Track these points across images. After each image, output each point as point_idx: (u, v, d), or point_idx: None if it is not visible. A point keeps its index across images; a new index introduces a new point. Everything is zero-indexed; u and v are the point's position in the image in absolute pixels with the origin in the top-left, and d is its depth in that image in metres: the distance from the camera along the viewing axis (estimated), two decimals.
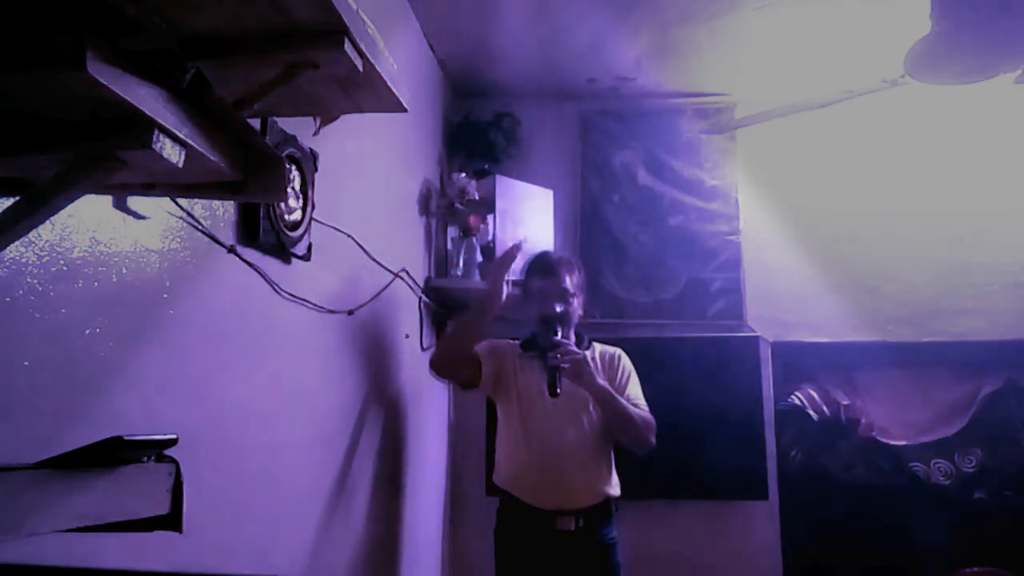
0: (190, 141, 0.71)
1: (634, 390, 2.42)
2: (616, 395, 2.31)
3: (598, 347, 2.50)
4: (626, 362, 2.49)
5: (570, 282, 2.38)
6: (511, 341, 2.51)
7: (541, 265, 2.43)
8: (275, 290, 1.64)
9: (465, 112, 3.37)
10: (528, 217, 3.09)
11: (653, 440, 2.34)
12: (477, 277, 2.95)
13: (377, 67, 0.90)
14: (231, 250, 1.48)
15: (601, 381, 2.28)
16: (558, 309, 2.33)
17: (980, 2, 2.14)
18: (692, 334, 3.23)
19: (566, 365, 2.20)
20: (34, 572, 0.91)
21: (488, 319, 2.36)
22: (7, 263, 0.95)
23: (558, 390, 2.16)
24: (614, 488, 2.39)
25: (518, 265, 2.46)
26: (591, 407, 2.36)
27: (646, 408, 2.38)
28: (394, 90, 0.97)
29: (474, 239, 2.95)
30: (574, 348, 2.27)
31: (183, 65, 0.72)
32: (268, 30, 0.81)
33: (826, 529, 3.07)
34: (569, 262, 2.45)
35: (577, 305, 2.41)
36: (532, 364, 2.42)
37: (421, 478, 2.77)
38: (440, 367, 2.45)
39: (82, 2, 0.63)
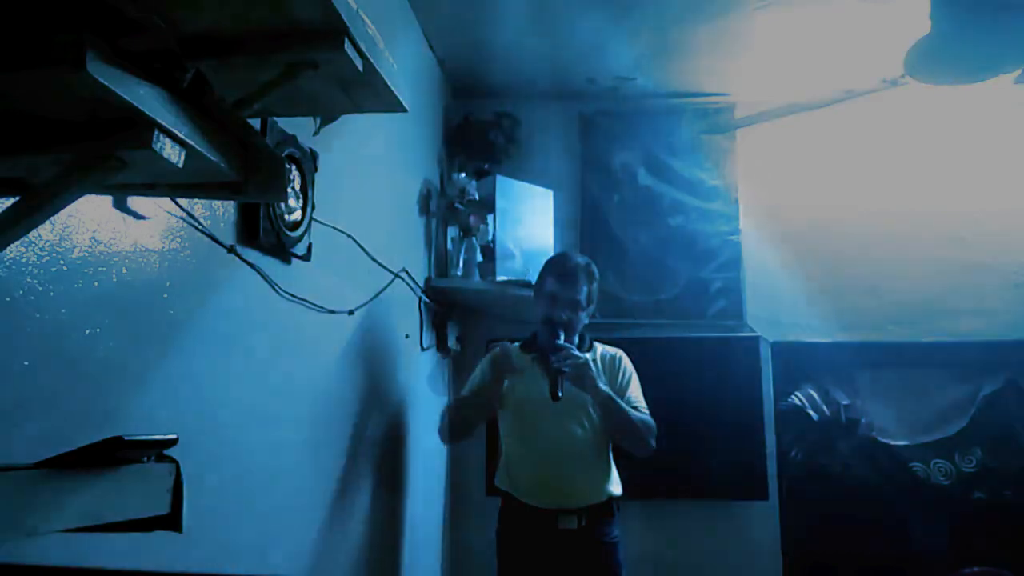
0: (190, 141, 0.71)
1: (635, 392, 2.41)
2: (617, 400, 2.30)
3: (599, 347, 2.50)
4: (627, 364, 2.47)
5: (584, 292, 2.35)
6: (510, 344, 2.50)
7: (559, 268, 2.40)
8: (275, 290, 1.64)
9: (465, 112, 3.36)
10: (528, 217, 3.09)
11: (653, 444, 2.32)
12: (477, 277, 2.95)
13: (377, 67, 0.90)
14: (231, 250, 1.48)
15: (603, 386, 2.28)
16: (564, 317, 2.32)
17: (980, 2, 2.14)
18: (692, 334, 3.23)
19: (568, 369, 2.19)
20: (34, 572, 0.91)
21: (495, 400, 2.40)
22: (7, 263, 0.95)
23: (560, 394, 2.16)
24: (616, 487, 2.39)
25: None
26: (591, 406, 2.35)
27: (647, 410, 2.38)
28: (394, 90, 0.97)
29: (474, 239, 2.95)
30: (576, 352, 2.26)
31: (183, 65, 0.72)
32: (268, 30, 0.81)
33: (826, 529, 3.07)
34: (587, 270, 2.39)
35: (585, 315, 2.40)
36: (533, 366, 2.41)
37: (421, 478, 2.77)
38: (455, 439, 2.59)
39: (82, 2, 0.63)
